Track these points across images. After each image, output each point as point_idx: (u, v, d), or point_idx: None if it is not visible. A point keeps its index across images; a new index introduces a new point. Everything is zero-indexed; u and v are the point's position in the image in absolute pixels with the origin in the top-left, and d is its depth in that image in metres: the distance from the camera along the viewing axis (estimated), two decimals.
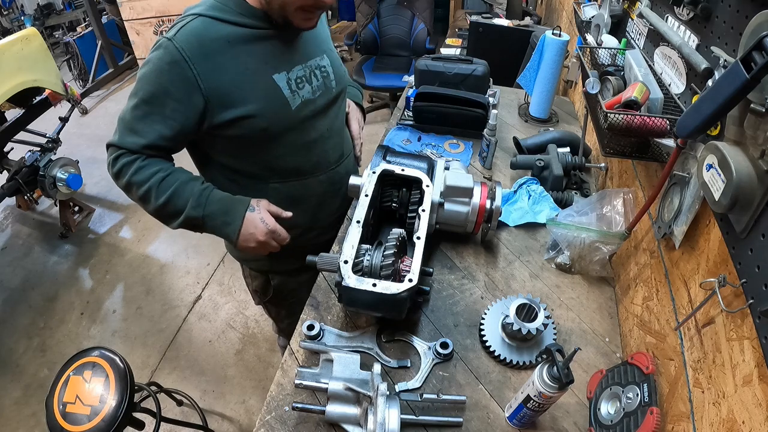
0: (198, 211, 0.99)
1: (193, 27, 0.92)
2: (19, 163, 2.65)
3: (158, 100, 0.93)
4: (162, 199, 0.97)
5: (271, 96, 1.01)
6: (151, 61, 0.93)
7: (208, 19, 0.94)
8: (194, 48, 0.91)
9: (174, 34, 0.91)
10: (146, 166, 0.97)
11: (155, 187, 0.97)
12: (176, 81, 0.92)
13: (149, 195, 0.97)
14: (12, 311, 2.42)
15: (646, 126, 0.88)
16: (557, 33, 1.53)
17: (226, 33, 0.94)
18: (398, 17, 3.66)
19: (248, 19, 0.96)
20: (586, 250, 1.08)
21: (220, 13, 0.94)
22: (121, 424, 1.23)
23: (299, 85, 1.05)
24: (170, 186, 0.98)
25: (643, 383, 0.80)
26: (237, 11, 0.95)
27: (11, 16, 4.83)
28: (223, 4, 0.96)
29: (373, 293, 0.83)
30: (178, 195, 0.98)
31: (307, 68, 1.07)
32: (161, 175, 0.98)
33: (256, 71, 0.98)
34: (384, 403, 0.74)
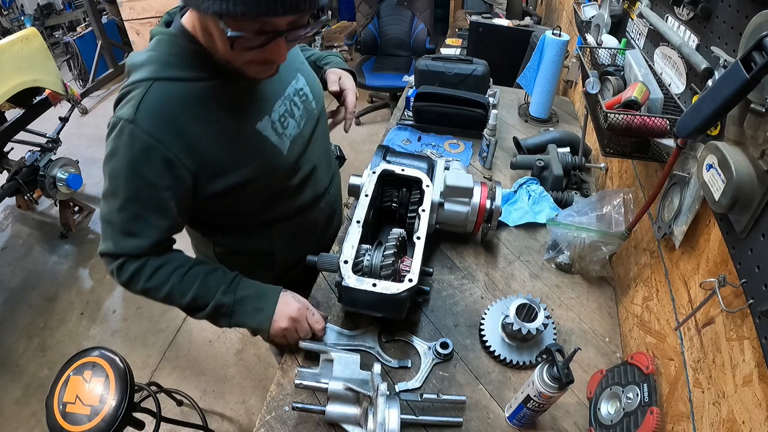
0: (228, 297, 0.88)
1: (153, 99, 0.76)
2: (19, 163, 2.65)
3: (145, 194, 0.79)
4: (189, 296, 0.86)
5: (262, 150, 0.89)
6: (118, 152, 0.77)
7: (166, 83, 0.77)
8: (163, 126, 0.76)
9: (134, 113, 0.75)
10: (161, 268, 0.86)
11: (178, 286, 0.86)
12: (157, 168, 0.78)
13: (172, 295, 0.87)
14: (12, 311, 2.42)
15: (646, 126, 0.88)
16: (557, 33, 1.53)
17: (191, 94, 0.79)
18: (398, 17, 3.66)
19: (207, 69, 0.80)
20: (586, 250, 1.08)
21: (175, 71, 0.78)
22: (121, 424, 1.22)
23: (284, 124, 0.93)
24: (195, 279, 0.87)
25: (643, 383, 0.80)
26: (191, 64, 0.79)
27: (11, 16, 4.83)
28: (177, 57, 0.79)
29: (373, 293, 0.83)
30: (206, 286, 0.87)
31: (286, 100, 0.94)
32: (181, 271, 0.87)
33: (238, 128, 0.85)
34: (384, 403, 0.74)
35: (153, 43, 0.81)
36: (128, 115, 0.75)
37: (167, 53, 0.79)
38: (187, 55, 0.79)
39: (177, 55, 0.79)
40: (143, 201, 0.80)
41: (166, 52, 0.79)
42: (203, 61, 0.79)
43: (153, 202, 0.80)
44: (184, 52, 0.79)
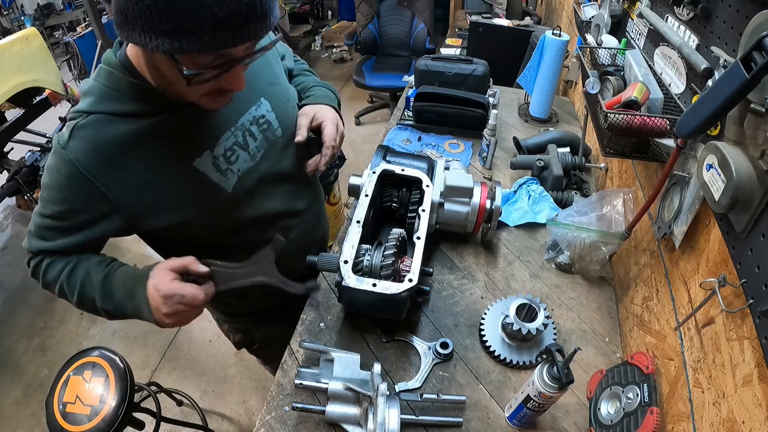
0: (108, 303, 0.82)
1: (86, 133, 0.74)
2: (19, 163, 2.65)
3: (64, 215, 0.79)
4: (75, 296, 0.83)
5: (198, 189, 0.84)
6: (50, 170, 0.78)
7: (102, 116, 0.75)
8: (90, 159, 0.74)
9: (66, 141, 0.74)
10: (53, 263, 0.84)
11: (65, 283, 0.83)
12: (80, 196, 0.77)
13: (64, 293, 0.84)
14: (12, 311, 2.42)
15: (646, 126, 0.88)
16: (557, 33, 1.53)
17: (126, 132, 0.76)
18: (398, 17, 3.66)
19: (146, 104, 0.77)
20: (586, 250, 1.08)
21: (114, 105, 0.76)
22: (121, 424, 1.23)
23: (230, 159, 0.86)
24: (77, 279, 0.83)
25: (643, 383, 0.80)
26: (130, 98, 0.76)
27: (11, 16, 4.83)
28: (115, 90, 0.76)
29: (373, 293, 0.83)
30: (86, 287, 0.82)
31: (238, 131, 0.87)
32: (69, 268, 0.83)
33: (172, 165, 0.81)
34: (384, 403, 0.74)
35: (96, 72, 0.80)
36: (62, 140, 0.75)
37: (105, 85, 0.76)
38: (126, 89, 0.76)
39: (115, 88, 0.76)
40: (61, 219, 0.80)
41: (105, 84, 0.77)
42: (143, 95, 0.76)
43: (69, 223, 0.80)
44: (123, 86, 0.76)
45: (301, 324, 0.99)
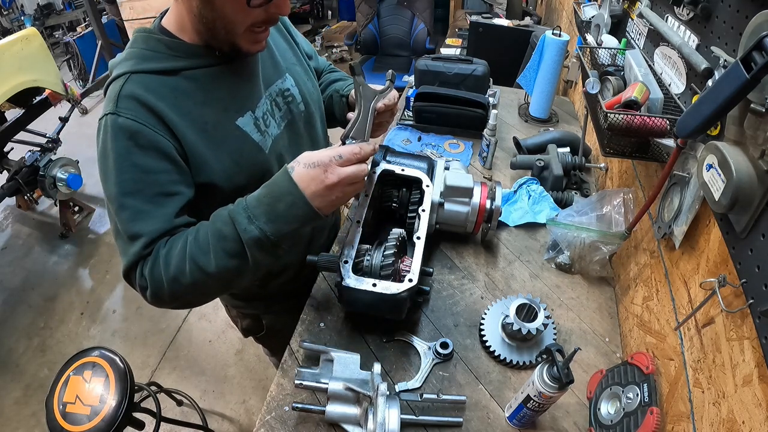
0: (252, 228, 0.71)
1: (131, 90, 0.74)
2: (19, 163, 2.65)
3: (142, 183, 0.73)
4: (212, 257, 0.72)
5: (242, 147, 0.85)
6: (106, 150, 0.74)
7: (140, 76, 0.76)
8: (144, 112, 0.74)
9: (114, 106, 0.73)
10: (170, 249, 0.74)
11: (196, 253, 0.72)
12: (150, 152, 0.74)
13: (198, 266, 0.72)
14: (12, 311, 2.42)
15: (646, 126, 0.88)
16: (557, 33, 1.53)
17: (169, 86, 0.77)
18: (398, 17, 3.66)
19: (187, 60, 0.79)
20: (586, 250, 1.08)
21: (152, 64, 0.77)
22: (121, 424, 1.23)
23: (266, 122, 0.89)
24: (206, 237, 0.73)
25: (643, 383, 0.80)
26: (171, 54, 0.78)
27: (11, 16, 4.83)
28: (153, 50, 0.78)
29: (373, 293, 0.83)
30: (221, 236, 0.72)
31: (269, 99, 0.91)
32: (190, 238, 0.74)
33: (218, 123, 0.82)
34: (384, 403, 0.74)
35: (130, 41, 0.82)
36: (109, 109, 0.74)
37: (143, 48, 0.79)
38: (164, 47, 0.78)
39: (153, 48, 0.78)
40: (141, 192, 0.73)
41: (142, 47, 0.79)
42: (183, 50, 0.79)
43: (152, 189, 0.74)
44: (161, 46, 0.79)
45: (301, 324, 0.99)
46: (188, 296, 0.77)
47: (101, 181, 0.76)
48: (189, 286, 0.74)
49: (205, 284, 0.75)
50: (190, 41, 0.80)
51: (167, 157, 0.75)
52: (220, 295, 0.80)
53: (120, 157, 0.73)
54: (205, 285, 0.75)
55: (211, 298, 0.82)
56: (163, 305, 0.78)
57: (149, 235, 0.74)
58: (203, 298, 0.80)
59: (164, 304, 0.77)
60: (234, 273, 0.75)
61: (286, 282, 1.08)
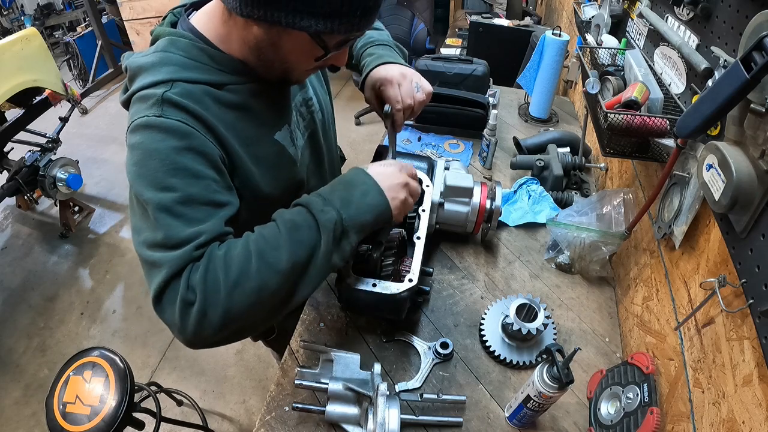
0: (329, 209, 0.68)
1: (173, 98, 0.68)
2: (19, 163, 2.65)
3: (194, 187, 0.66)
4: (284, 250, 0.65)
5: (279, 162, 0.84)
6: (149, 151, 0.66)
7: (184, 84, 0.70)
8: (191, 119, 0.69)
9: (159, 111, 0.67)
10: (230, 249, 0.65)
11: (265, 248, 0.65)
12: (201, 157, 0.68)
13: (267, 263, 0.64)
14: (12, 311, 2.42)
15: (646, 126, 0.88)
16: (557, 33, 1.53)
17: (213, 98, 0.73)
18: (398, 17, 3.66)
19: (231, 75, 0.75)
20: (586, 250, 1.08)
21: (196, 74, 0.72)
22: (121, 424, 1.22)
23: (295, 135, 0.89)
24: (274, 231, 0.67)
25: (643, 383, 0.80)
26: (215, 67, 0.74)
27: (11, 16, 4.83)
28: (196, 60, 0.72)
29: (373, 293, 0.83)
30: (293, 225, 0.67)
31: (295, 110, 0.90)
32: (254, 236, 0.67)
33: (259, 138, 0.79)
34: (384, 403, 0.74)
35: (164, 43, 0.74)
36: (152, 112, 0.67)
37: (184, 55, 0.73)
38: (208, 59, 0.73)
39: (196, 58, 0.73)
40: (192, 197, 0.65)
41: (182, 54, 0.73)
42: (227, 65, 0.75)
43: (203, 196, 0.67)
44: (205, 57, 0.73)
45: (301, 324, 0.99)
46: (245, 311, 0.63)
47: (138, 187, 0.66)
48: (252, 293, 0.63)
49: (272, 289, 0.64)
50: (232, 55, 0.75)
51: (216, 167, 0.70)
52: (272, 319, 0.70)
53: (168, 158, 0.65)
54: (270, 291, 0.64)
55: (262, 323, 0.70)
56: (206, 331, 0.62)
57: (199, 238, 0.64)
58: (258, 316, 0.66)
59: (209, 327, 0.62)
60: (302, 272, 0.67)
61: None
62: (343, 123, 1.14)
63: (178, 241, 0.63)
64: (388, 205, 0.73)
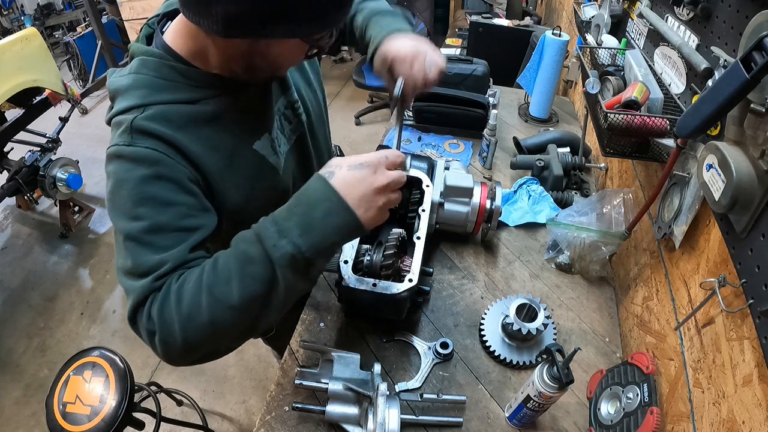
0: (284, 243, 0.61)
1: (143, 125, 0.67)
2: (19, 163, 2.65)
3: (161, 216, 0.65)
4: (235, 285, 0.61)
5: (259, 171, 0.82)
6: (120, 180, 0.66)
7: (161, 107, 0.69)
8: (162, 146, 0.67)
9: (129, 139, 0.66)
10: (184, 282, 0.63)
11: (214, 283, 0.61)
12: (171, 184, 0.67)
13: (216, 298, 0.61)
14: (12, 311, 2.42)
15: (646, 126, 0.88)
16: (557, 33, 1.53)
17: (186, 115, 0.71)
18: None
19: (205, 90, 0.73)
20: (586, 250, 1.08)
21: (166, 95, 0.70)
22: (121, 424, 1.23)
23: (278, 141, 0.86)
24: (226, 263, 0.63)
25: (643, 383, 0.80)
26: (187, 83, 0.72)
27: (11, 16, 4.83)
28: (166, 79, 0.71)
29: (373, 293, 0.83)
30: (246, 258, 0.62)
31: (278, 114, 0.87)
32: (207, 267, 0.63)
33: (235, 149, 0.77)
34: (384, 403, 0.74)
35: (136, 64, 0.73)
36: (123, 140, 0.67)
37: (156, 77, 0.71)
38: (180, 76, 0.72)
39: (167, 77, 0.71)
40: (159, 226, 0.65)
41: (154, 75, 0.71)
42: (199, 79, 0.73)
43: (171, 224, 0.66)
44: (176, 74, 0.72)
45: (301, 324, 0.99)
46: (204, 341, 0.62)
47: (111, 216, 0.67)
48: (205, 326, 0.61)
49: (226, 323, 0.62)
50: (206, 69, 0.73)
51: (189, 190, 0.69)
52: (241, 341, 0.68)
53: (137, 188, 0.65)
54: (225, 324, 0.62)
55: (232, 346, 0.69)
56: (174, 357, 0.63)
57: (162, 267, 0.64)
58: (222, 343, 0.66)
59: (175, 354, 0.62)
60: (261, 304, 0.63)
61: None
62: (343, 123, 1.12)
63: (143, 271, 0.64)
64: (357, 221, 0.63)
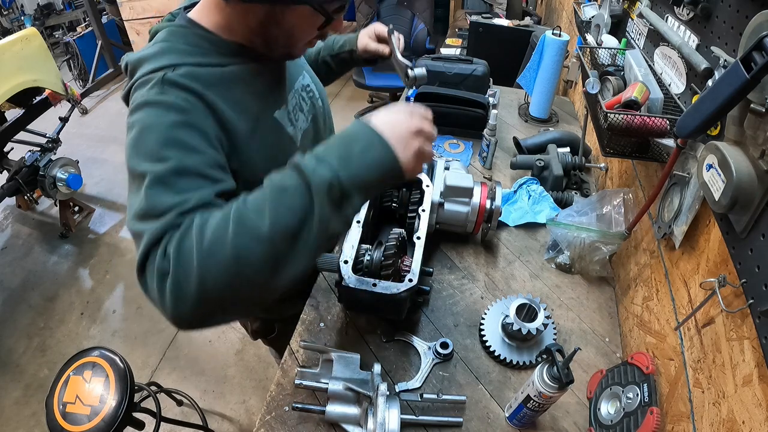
0: (322, 169, 0.57)
1: (174, 79, 0.68)
2: (19, 163, 2.64)
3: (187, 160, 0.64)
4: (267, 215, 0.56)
5: (279, 139, 0.85)
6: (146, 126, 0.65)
7: (185, 67, 0.71)
8: (191, 99, 0.69)
9: (159, 91, 0.67)
10: (209, 218, 0.58)
11: (245, 213, 0.57)
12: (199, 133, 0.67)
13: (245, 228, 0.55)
14: (12, 311, 2.42)
15: (646, 126, 0.88)
16: (557, 33, 1.53)
17: (215, 76, 0.74)
18: (398, 17, 3.66)
19: (230, 57, 0.78)
20: (586, 250, 1.08)
21: (196, 58, 0.74)
22: (121, 424, 1.23)
23: (296, 116, 0.90)
24: (258, 197, 0.59)
25: (643, 383, 0.80)
26: (216, 51, 0.76)
27: (11, 16, 4.83)
28: (195, 46, 0.75)
29: (373, 293, 0.83)
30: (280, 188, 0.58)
31: (296, 94, 0.93)
32: (236, 203, 0.59)
33: (260, 114, 0.80)
34: (384, 403, 0.74)
35: (164, 34, 0.77)
36: (152, 93, 0.67)
37: (183, 43, 0.75)
38: (207, 44, 0.77)
39: (195, 44, 0.75)
40: (184, 168, 0.63)
41: (182, 42, 0.75)
42: (227, 49, 0.78)
43: (196, 168, 0.64)
44: (204, 42, 0.76)
45: (301, 324, 0.99)
46: (221, 285, 0.54)
47: (132, 162, 0.64)
48: (227, 263, 0.54)
49: (250, 259, 0.55)
50: (228, 38, 0.78)
51: (214, 147, 0.70)
52: (257, 297, 0.59)
53: (166, 132, 0.65)
54: (249, 261, 0.55)
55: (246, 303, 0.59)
56: (183, 308, 0.55)
57: (185, 204, 0.60)
58: (239, 293, 0.57)
59: (187, 303, 0.55)
60: (291, 240, 0.56)
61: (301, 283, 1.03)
62: (343, 123, 1.13)
63: (162, 209, 0.59)
64: (396, 159, 0.60)
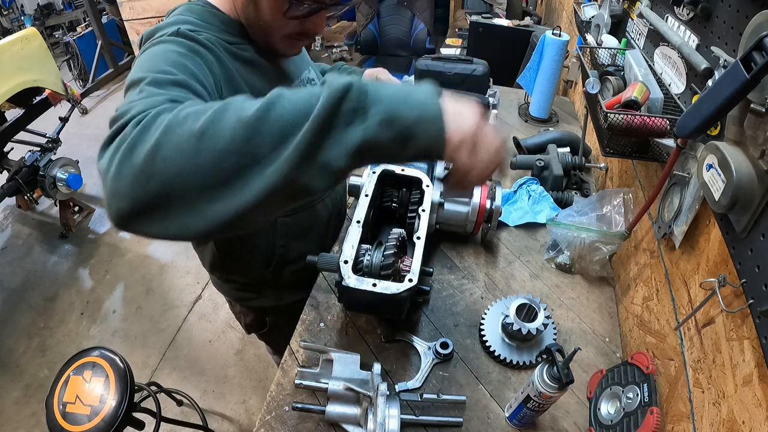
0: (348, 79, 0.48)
1: (192, 33, 0.71)
2: (19, 163, 2.65)
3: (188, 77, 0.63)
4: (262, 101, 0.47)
5: None
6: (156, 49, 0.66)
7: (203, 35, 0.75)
8: (203, 50, 0.71)
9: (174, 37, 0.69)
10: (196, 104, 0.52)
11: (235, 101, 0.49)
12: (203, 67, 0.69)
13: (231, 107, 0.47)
14: (12, 311, 2.42)
15: (646, 126, 0.88)
16: (557, 33, 1.53)
17: (222, 47, 0.76)
18: (398, 17, 3.66)
19: (239, 37, 0.81)
20: (586, 250, 1.08)
21: (211, 33, 0.76)
22: (121, 424, 1.23)
23: None
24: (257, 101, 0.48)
25: (643, 383, 0.80)
26: (224, 29, 0.79)
27: (11, 16, 4.83)
28: (206, 22, 0.76)
29: (373, 293, 0.83)
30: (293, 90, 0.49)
31: (301, 84, 0.96)
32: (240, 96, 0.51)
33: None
34: (384, 403, 0.74)
35: (179, 9, 0.79)
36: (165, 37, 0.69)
37: (198, 18, 0.77)
38: (218, 21, 0.79)
39: (207, 20, 0.78)
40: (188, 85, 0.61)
41: (198, 18, 0.77)
42: (235, 29, 0.80)
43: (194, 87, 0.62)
44: (215, 19, 0.79)
45: (301, 324, 0.99)
46: (172, 164, 0.44)
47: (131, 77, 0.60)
48: (191, 136, 0.45)
49: (216, 141, 0.45)
50: (238, 20, 0.81)
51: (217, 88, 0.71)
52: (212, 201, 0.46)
53: (173, 56, 0.65)
54: (213, 145, 0.45)
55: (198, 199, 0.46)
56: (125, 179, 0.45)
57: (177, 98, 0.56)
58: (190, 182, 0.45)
59: (130, 172, 0.45)
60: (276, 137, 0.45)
61: (299, 270, 1.08)
62: None
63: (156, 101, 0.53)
64: (440, 116, 0.49)
